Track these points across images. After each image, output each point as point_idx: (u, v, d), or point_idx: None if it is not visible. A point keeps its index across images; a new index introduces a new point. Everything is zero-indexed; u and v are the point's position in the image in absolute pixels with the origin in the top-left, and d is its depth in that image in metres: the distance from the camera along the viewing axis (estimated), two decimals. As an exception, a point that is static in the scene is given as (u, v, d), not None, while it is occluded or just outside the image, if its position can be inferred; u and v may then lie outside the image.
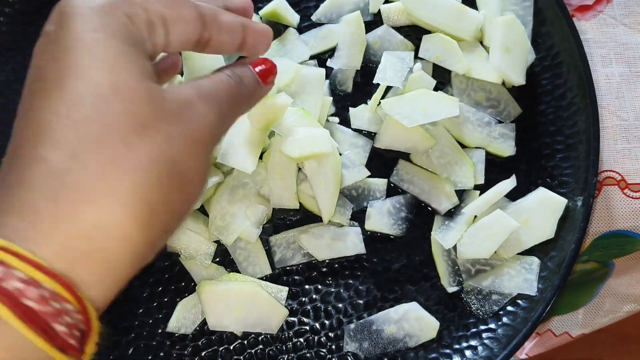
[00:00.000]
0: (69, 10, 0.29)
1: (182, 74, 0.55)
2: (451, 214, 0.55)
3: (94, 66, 0.27)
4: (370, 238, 0.55)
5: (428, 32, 0.59)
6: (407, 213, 0.55)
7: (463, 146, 0.56)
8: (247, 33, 0.39)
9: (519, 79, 0.57)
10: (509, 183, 0.53)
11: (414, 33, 0.60)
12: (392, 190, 0.56)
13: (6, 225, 0.25)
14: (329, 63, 0.59)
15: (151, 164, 0.27)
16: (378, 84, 0.57)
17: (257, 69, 0.40)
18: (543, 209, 0.53)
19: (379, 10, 0.60)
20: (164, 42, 0.33)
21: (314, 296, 0.54)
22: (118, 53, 0.28)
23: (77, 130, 0.26)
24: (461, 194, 0.56)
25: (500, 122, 0.57)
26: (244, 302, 0.51)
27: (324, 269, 0.54)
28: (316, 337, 0.53)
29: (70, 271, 0.25)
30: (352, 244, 0.54)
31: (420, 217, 0.55)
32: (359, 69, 0.59)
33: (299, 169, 0.55)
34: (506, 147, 0.57)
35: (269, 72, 0.40)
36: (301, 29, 0.61)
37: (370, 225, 0.55)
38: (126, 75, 0.28)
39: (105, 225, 0.26)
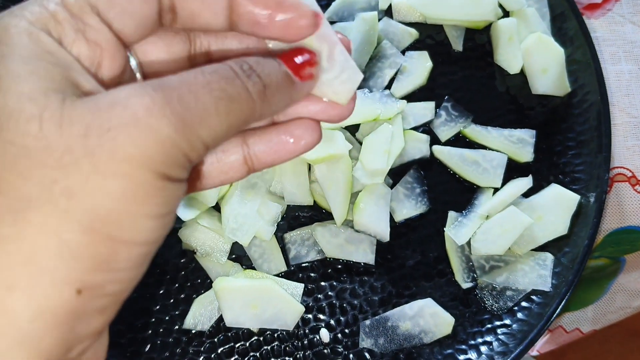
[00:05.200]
0: None
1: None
2: (464, 211, 0.55)
3: None
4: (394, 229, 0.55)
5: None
6: (420, 186, 0.56)
7: (485, 147, 0.57)
8: None
9: (565, 91, 0.58)
10: (525, 183, 0.53)
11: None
12: (394, 178, 0.57)
13: None
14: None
15: (32, 203, 0.21)
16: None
17: (284, 58, 0.28)
18: (556, 206, 0.54)
19: (388, 6, 0.61)
20: (105, 35, 0.25)
21: (330, 293, 0.54)
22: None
23: None
24: (474, 191, 0.56)
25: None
26: (260, 299, 0.51)
27: (339, 266, 0.55)
28: (332, 334, 0.53)
29: None
30: (363, 252, 0.54)
31: (434, 213, 0.56)
32: (364, 69, 0.59)
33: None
34: (524, 153, 0.57)
35: (306, 63, 0.28)
36: (313, 28, 0.61)
37: (398, 217, 0.55)
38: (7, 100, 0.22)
39: None
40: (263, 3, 0.27)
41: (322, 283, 0.54)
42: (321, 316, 0.53)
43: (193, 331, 0.53)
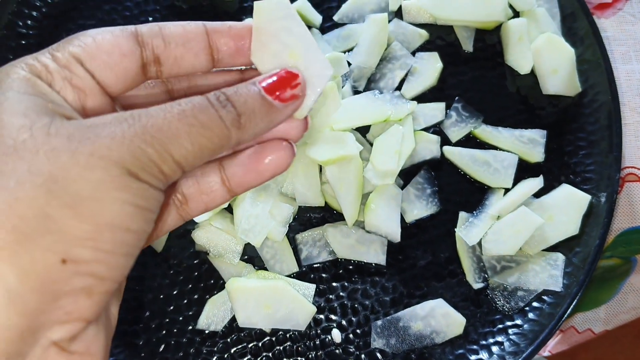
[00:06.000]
0: None
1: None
2: (475, 211, 0.56)
3: None
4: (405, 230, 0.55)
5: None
6: (430, 187, 0.56)
7: (496, 148, 0.57)
8: (213, 36, 0.32)
9: (575, 91, 0.58)
10: (536, 183, 0.53)
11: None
12: (405, 179, 0.57)
13: None
14: (347, 57, 0.59)
15: (19, 183, 0.24)
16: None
17: (263, 84, 0.30)
18: (567, 206, 0.54)
19: (399, 8, 0.61)
20: (89, 83, 0.29)
21: (341, 293, 0.54)
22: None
23: None
24: (485, 192, 0.56)
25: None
26: (273, 299, 0.52)
27: (350, 267, 0.55)
28: (344, 334, 0.53)
29: None
30: (374, 252, 0.55)
31: (445, 213, 0.56)
32: (374, 70, 0.60)
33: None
34: (535, 153, 0.57)
35: (282, 84, 0.30)
36: (323, 29, 0.61)
37: (409, 217, 0.56)
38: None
39: None
40: (236, 32, 0.32)
41: (334, 284, 0.55)
42: (333, 317, 0.54)
43: (206, 331, 0.53)
